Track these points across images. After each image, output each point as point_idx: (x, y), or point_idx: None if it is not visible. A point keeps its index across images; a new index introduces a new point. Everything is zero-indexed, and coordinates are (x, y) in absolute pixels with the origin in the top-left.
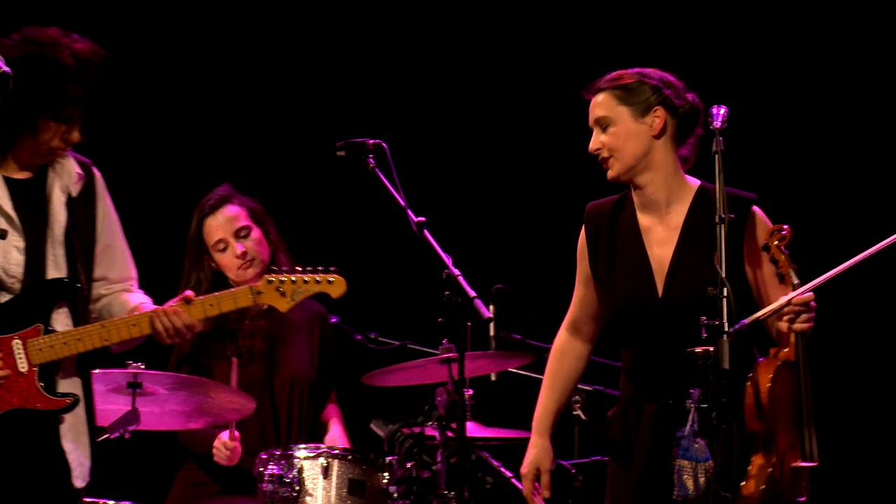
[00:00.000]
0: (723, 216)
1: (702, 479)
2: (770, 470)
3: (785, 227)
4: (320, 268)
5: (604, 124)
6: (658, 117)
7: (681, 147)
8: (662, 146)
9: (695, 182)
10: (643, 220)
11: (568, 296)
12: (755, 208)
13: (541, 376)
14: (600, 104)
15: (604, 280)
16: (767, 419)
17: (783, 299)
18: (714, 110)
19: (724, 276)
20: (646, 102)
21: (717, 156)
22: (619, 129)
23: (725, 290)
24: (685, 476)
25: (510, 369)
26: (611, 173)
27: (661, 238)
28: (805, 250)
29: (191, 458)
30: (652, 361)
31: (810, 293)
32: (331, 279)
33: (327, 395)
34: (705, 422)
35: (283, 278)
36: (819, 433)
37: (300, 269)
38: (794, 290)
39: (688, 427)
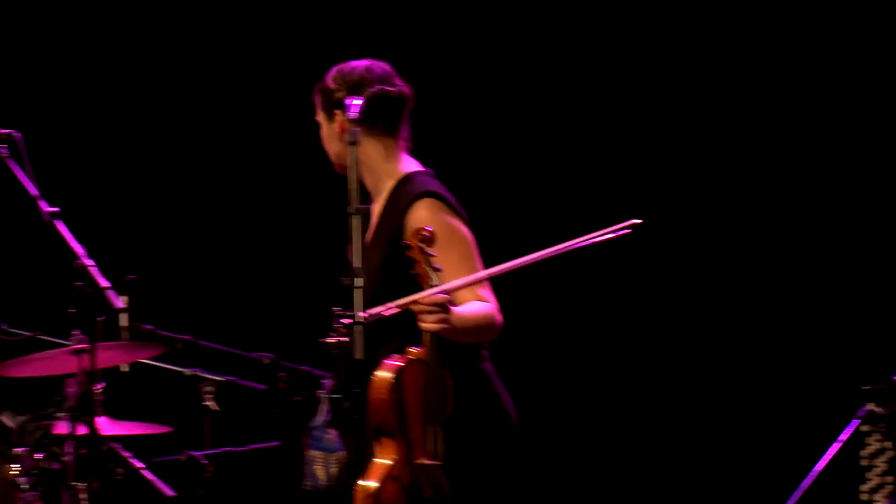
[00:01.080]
0: (357, 208)
1: (333, 470)
2: (391, 466)
3: (428, 228)
4: None
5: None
6: (338, 121)
7: (392, 135)
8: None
9: (405, 170)
10: (372, 208)
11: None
12: (418, 204)
13: (174, 367)
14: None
15: None
16: (393, 415)
17: (411, 297)
18: (347, 101)
19: (356, 266)
20: (330, 106)
21: (352, 146)
22: (323, 133)
23: (359, 280)
24: (316, 466)
25: (141, 360)
26: (338, 170)
27: (370, 228)
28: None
29: None
30: None
31: (443, 295)
32: None
33: None
34: (337, 412)
35: None
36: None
37: None
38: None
39: (320, 417)
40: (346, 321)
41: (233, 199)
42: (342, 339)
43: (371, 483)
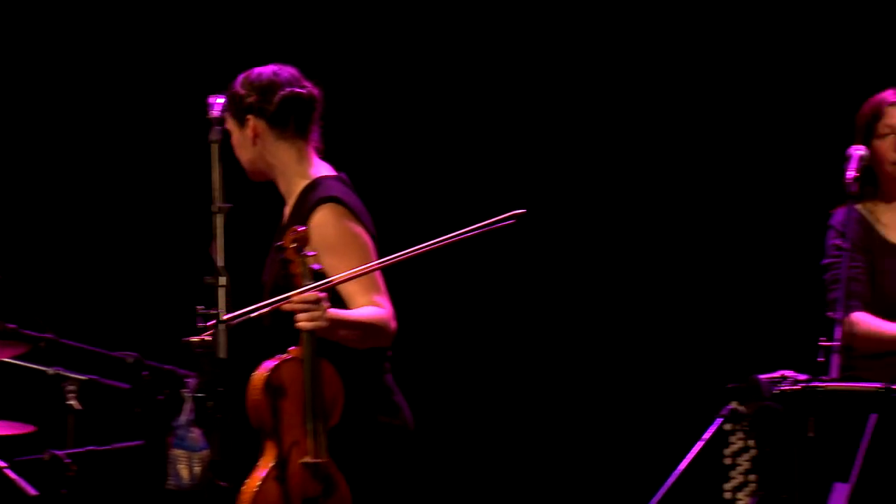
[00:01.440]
0: (220, 206)
1: (197, 469)
2: (273, 465)
3: (300, 228)
4: None
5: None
6: (250, 126)
7: (303, 138)
8: (270, 148)
9: (314, 174)
10: (285, 211)
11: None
12: (321, 209)
13: (37, 366)
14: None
15: None
16: (269, 415)
17: (281, 297)
18: (210, 100)
19: (220, 265)
20: (241, 113)
21: (214, 145)
22: (234, 140)
23: (223, 279)
24: (180, 465)
25: (4, 359)
26: (251, 177)
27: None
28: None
29: None
30: None
31: (316, 293)
32: None
33: None
34: (201, 411)
35: None
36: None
37: None
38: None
39: (183, 416)
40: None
41: (96, 196)
42: (206, 337)
43: (253, 484)
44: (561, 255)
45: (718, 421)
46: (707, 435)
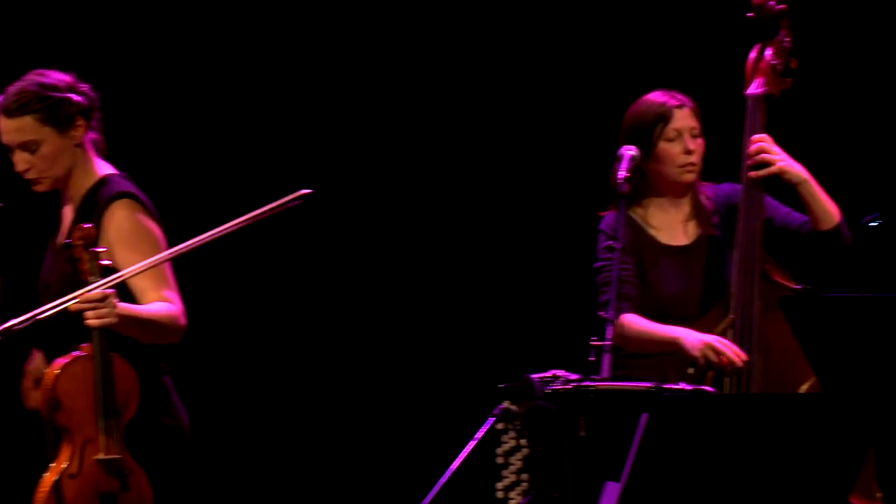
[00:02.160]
0: None
1: None
2: (66, 465)
3: (87, 224)
4: None
5: (32, 148)
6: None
7: (83, 139)
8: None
9: (100, 173)
10: (64, 212)
11: None
12: (115, 205)
13: None
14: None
15: None
16: (63, 412)
17: (69, 296)
18: None
19: None
20: (62, 119)
21: None
22: (49, 149)
23: None
24: None
25: None
26: (42, 188)
27: (62, 232)
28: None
29: None
30: None
31: (104, 290)
32: None
33: None
34: None
35: None
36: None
37: None
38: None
39: None
40: None
41: None
42: None
43: (48, 482)
44: (338, 249)
45: (491, 420)
46: (479, 434)
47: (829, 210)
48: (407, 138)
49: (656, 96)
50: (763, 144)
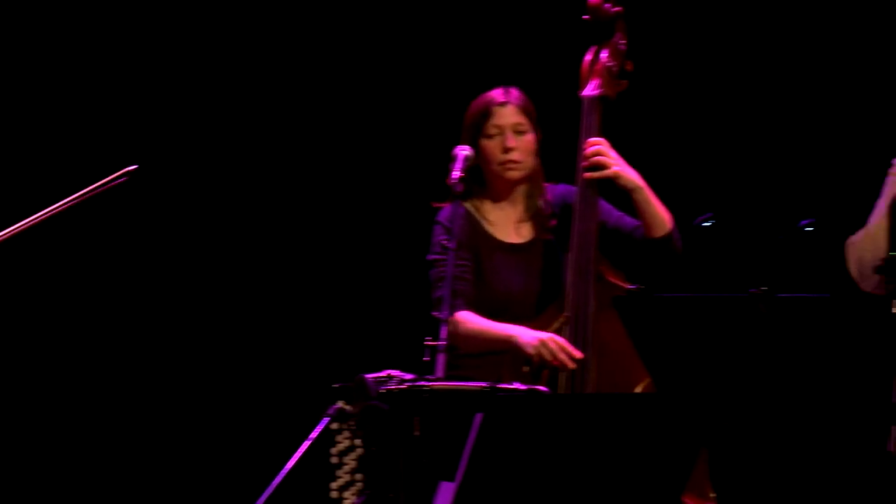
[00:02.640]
0: None
1: None
2: None
3: None
4: None
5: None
6: None
7: None
8: None
9: None
10: None
11: None
12: None
13: None
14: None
15: None
16: None
17: None
18: None
19: None
20: None
21: None
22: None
23: None
24: None
25: None
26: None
27: None
28: None
29: None
30: None
31: None
32: None
33: None
34: None
35: None
36: None
37: None
38: None
39: None
40: None
41: None
42: None
43: None
44: (168, 246)
45: (325, 420)
46: (314, 434)
47: (661, 217)
48: (237, 132)
49: (492, 93)
50: (600, 147)
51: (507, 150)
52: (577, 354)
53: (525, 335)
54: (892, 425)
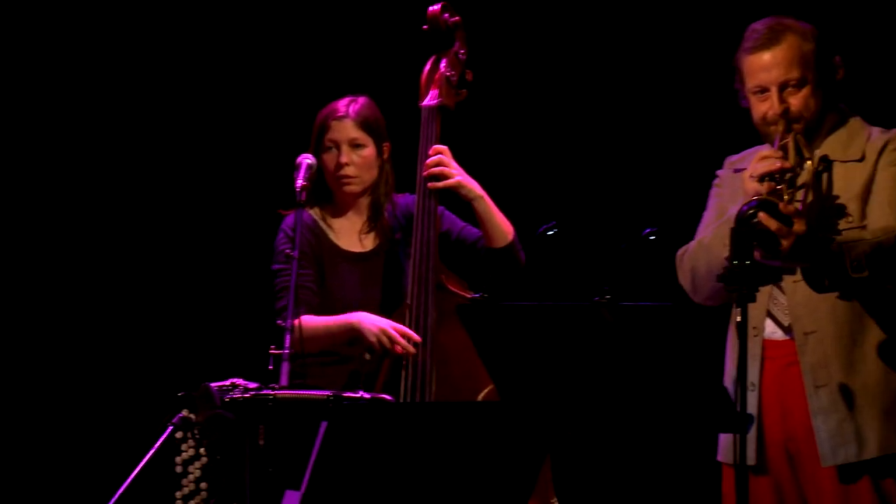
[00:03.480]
0: None
1: None
2: None
3: None
4: None
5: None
6: None
7: None
8: None
9: None
10: None
11: None
12: None
13: None
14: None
15: None
16: None
17: None
18: None
19: None
20: None
21: None
22: None
23: None
24: None
25: None
26: None
27: None
28: None
29: None
30: None
31: None
32: None
33: None
34: None
35: None
36: None
37: None
38: None
39: None
40: None
41: None
42: None
43: None
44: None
45: (170, 429)
46: (158, 443)
47: (502, 228)
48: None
49: (333, 104)
50: (441, 157)
51: (340, 165)
52: (417, 338)
53: (367, 321)
54: (719, 434)
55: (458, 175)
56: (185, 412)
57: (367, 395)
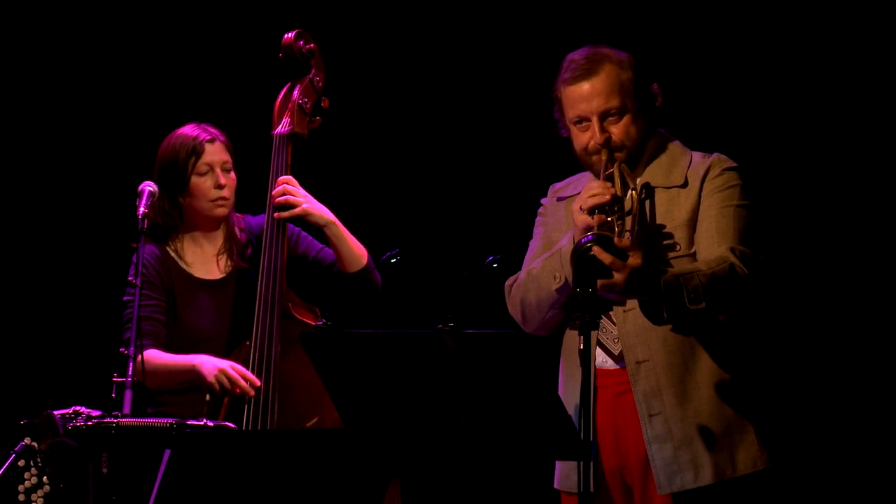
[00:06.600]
0: None
1: None
2: None
3: None
4: None
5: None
6: None
7: None
8: None
9: None
10: None
11: None
12: None
13: None
14: None
15: None
16: None
17: None
18: None
19: None
20: None
21: None
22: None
23: None
24: None
25: None
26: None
27: None
28: None
29: None
30: None
31: None
32: None
33: None
34: None
35: None
36: None
37: None
38: None
39: None
40: None
41: None
42: None
43: None
44: None
45: (12, 457)
46: (0, 471)
47: (355, 253)
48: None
49: (189, 130)
50: (287, 186)
51: (220, 186)
52: (257, 382)
53: (206, 364)
54: (555, 461)
55: (305, 203)
56: (27, 440)
57: (210, 423)
